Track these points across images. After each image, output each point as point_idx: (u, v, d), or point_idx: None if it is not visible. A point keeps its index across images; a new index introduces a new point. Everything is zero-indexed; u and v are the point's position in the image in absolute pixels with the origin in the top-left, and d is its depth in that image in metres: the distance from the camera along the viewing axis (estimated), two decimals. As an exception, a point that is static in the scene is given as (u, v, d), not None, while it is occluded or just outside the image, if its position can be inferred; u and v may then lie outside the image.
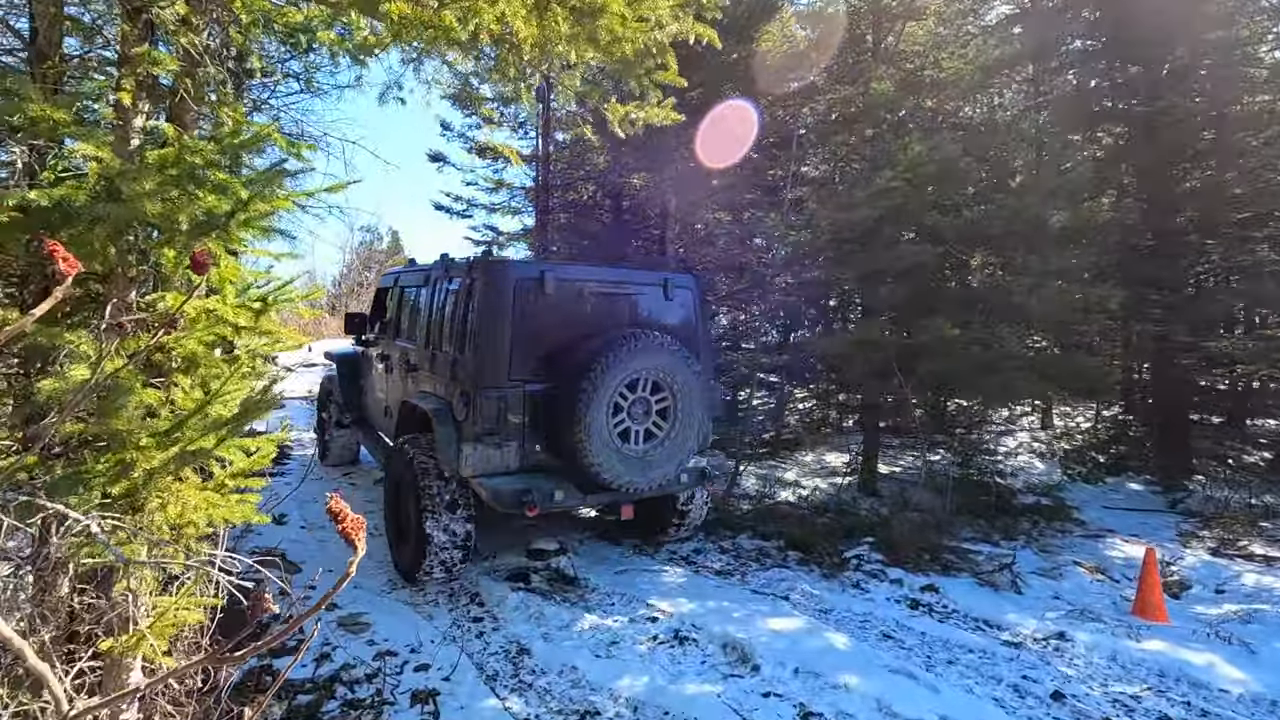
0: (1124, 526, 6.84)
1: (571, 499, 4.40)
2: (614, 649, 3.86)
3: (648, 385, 4.44)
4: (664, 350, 4.42)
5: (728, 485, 7.10)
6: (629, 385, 4.36)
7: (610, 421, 4.28)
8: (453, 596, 4.47)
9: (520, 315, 4.44)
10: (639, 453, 4.42)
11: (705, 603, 4.47)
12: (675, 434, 4.55)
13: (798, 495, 7.57)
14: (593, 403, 4.16)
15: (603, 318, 4.76)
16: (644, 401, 4.47)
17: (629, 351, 4.26)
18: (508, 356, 4.38)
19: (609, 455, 4.26)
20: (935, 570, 5.32)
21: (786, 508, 6.94)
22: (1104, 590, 5.10)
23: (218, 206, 1.58)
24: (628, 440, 4.39)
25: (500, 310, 4.39)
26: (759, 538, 6.01)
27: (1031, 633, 4.30)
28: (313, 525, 5.47)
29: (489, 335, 4.36)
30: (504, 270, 4.51)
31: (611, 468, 4.28)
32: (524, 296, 4.48)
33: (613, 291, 4.89)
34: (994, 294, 6.20)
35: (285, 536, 5.17)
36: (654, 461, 4.48)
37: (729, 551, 5.70)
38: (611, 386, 4.23)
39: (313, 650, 3.66)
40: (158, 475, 1.56)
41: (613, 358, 4.20)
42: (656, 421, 4.53)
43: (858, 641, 4.04)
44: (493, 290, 4.42)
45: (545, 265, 4.73)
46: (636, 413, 4.44)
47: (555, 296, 4.59)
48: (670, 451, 4.55)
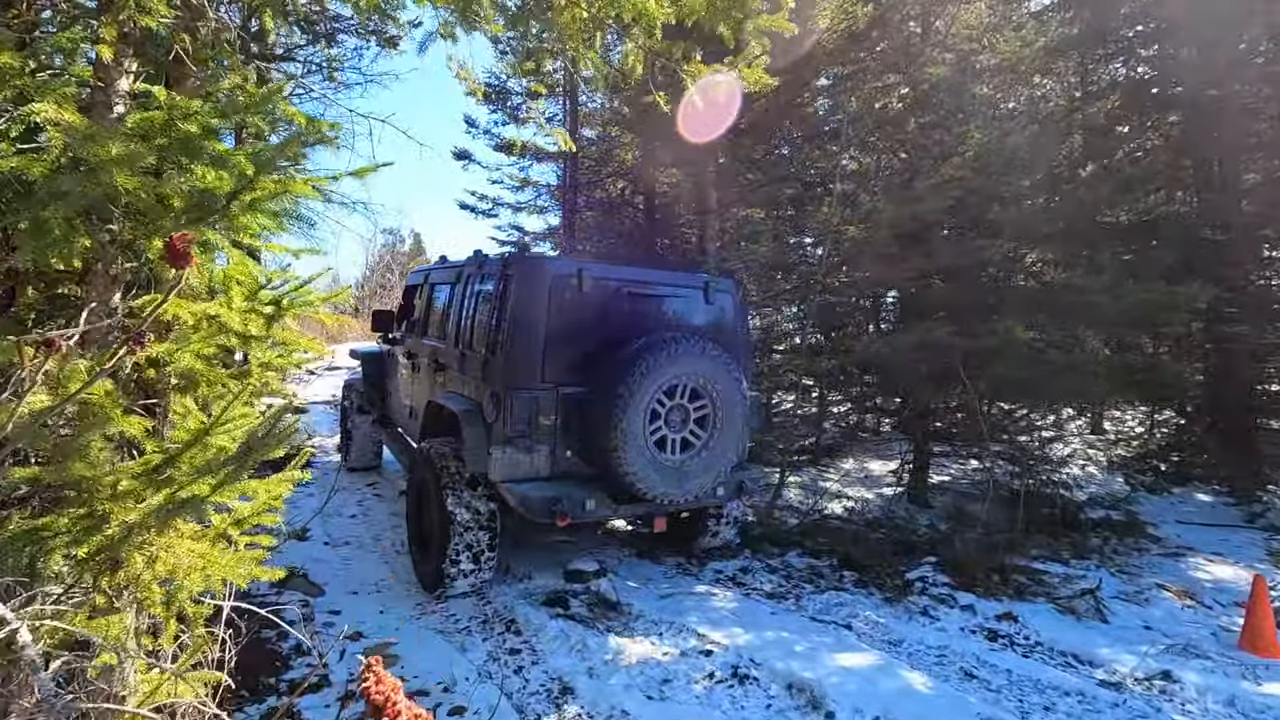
0: (1204, 543, 6.30)
1: (604, 509, 4.21)
2: (667, 688, 3.47)
3: (686, 392, 4.22)
4: (705, 356, 4.20)
5: (771, 497, 6.68)
6: (667, 391, 4.14)
7: (647, 429, 4.06)
8: (487, 624, 4.12)
9: (555, 314, 4.27)
10: (675, 462, 4.20)
11: (761, 632, 4.07)
12: (714, 444, 4.33)
13: (845, 507, 7.14)
14: (629, 408, 3.95)
15: (640, 320, 4.55)
16: (682, 409, 4.24)
17: (669, 356, 4.06)
18: (541, 357, 4.20)
19: (644, 464, 4.05)
20: (1008, 595, 4.86)
21: (835, 522, 6.51)
22: (1199, 619, 4.61)
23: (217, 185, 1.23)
24: (664, 449, 4.17)
25: (535, 309, 4.22)
26: (809, 555, 5.59)
27: (1131, 671, 3.83)
28: (336, 542, 5.16)
29: (523, 334, 4.19)
30: (540, 267, 4.34)
31: (646, 477, 4.06)
32: (560, 295, 4.30)
33: (651, 293, 4.70)
34: (1063, 293, 5.72)
35: (307, 554, 4.86)
36: (691, 472, 4.26)
37: (779, 571, 5.29)
38: (649, 392, 4.02)
39: (337, 687, 3.33)
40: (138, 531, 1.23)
41: (652, 361, 4.00)
42: (694, 430, 4.31)
43: (938, 681, 3.61)
44: (528, 288, 4.25)
45: (583, 264, 4.52)
46: (674, 420, 4.22)
47: (592, 296, 4.40)
48: (708, 462, 4.32)
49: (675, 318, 4.76)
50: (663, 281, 4.81)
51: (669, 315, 4.73)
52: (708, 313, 4.92)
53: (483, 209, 10.99)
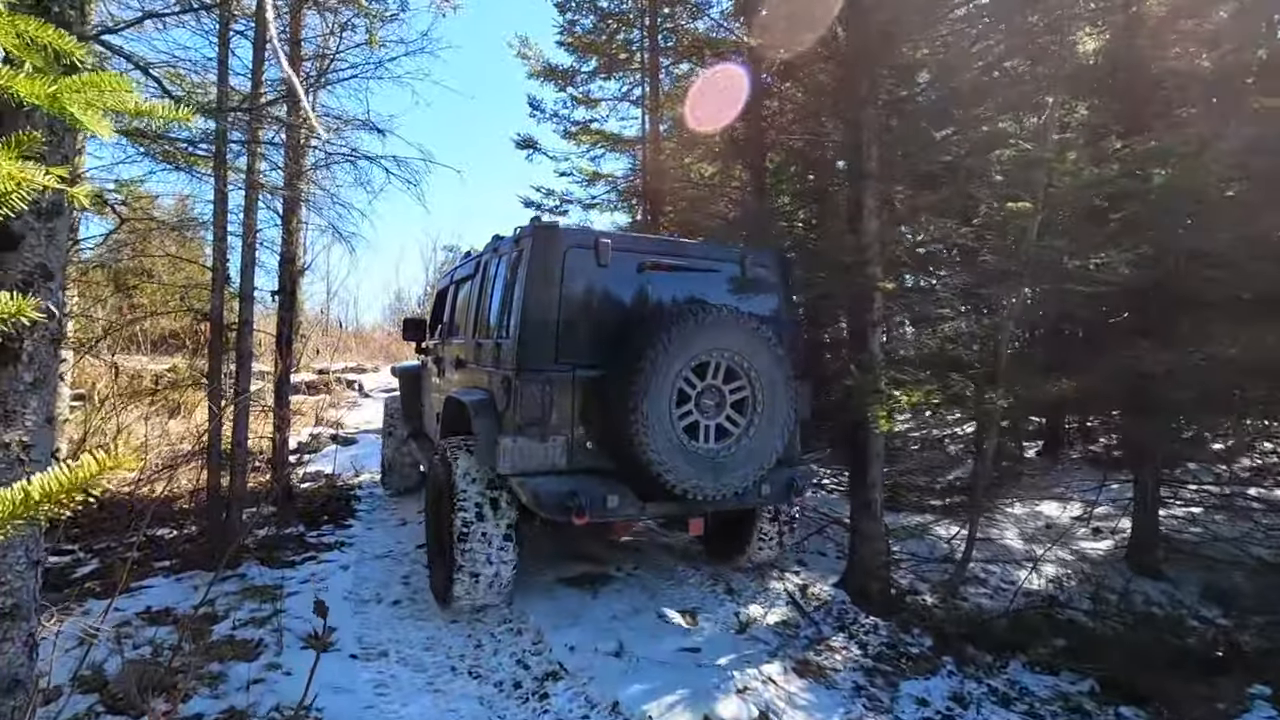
0: None
1: (628, 507, 3.72)
2: None
3: (720, 371, 3.74)
4: (739, 328, 3.73)
5: (957, 569, 4.89)
6: (696, 370, 3.67)
7: (674, 413, 3.60)
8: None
9: (570, 289, 3.85)
10: (710, 452, 3.70)
11: None
12: (755, 431, 3.80)
13: (1045, 577, 5.28)
14: (650, 389, 3.50)
15: (667, 295, 4.09)
16: (715, 391, 3.76)
17: (695, 326, 3.60)
18: (555, 335, 3.78)
19: (672, 452, 3.57)
20: None
21: (1046, 604, 4.68)
22: None
23: None
24: (695, 437, 3.69)
25: (548, 283, 3.80)
26: (1044, 669, 3.82)
27: None
28: (370, 650, 3.67)
29: (535, 310, 3.77)
30: (554, 236, 3.88)
31: (675, 468, 3.58)
32: (576, 267, 3.87)
33: (681, 266, 4.19)
34: None
35: (327, 679, 3.35)
36: (728, 464, 3.73)
37: (1015, 703, 3.53)
38: (675, 370, 3.57)
39: None
40: None
41: (676, 334, 3.55)
42: (731, 415, 3.81)
43: None
44: (541, 260, 3.82)
45: (602, 232, 4.12)
46: (707, 404, 3.74)
47: (613, 269, 3.94)
48: (749, 452, 3.78)
49: (707, 294, 4.17)
50: (694, 254, 4.33)
51: (700, 291, 4.17)
52: (746, 290, 4.33)
53: (550, 206, 9.62)
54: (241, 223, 4.90)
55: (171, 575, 4.66)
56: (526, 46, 9.11)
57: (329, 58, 6.51)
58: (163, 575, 4.66)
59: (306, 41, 6.66)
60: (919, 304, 4.87)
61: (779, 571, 5.06)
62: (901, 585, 4.96)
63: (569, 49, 8.78)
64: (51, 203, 2.21)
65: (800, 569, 5.16)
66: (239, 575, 4.62)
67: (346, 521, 6.19)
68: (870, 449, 4.61)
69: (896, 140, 4.45)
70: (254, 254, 4.97)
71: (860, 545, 4.67)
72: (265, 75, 5.36)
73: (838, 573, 5.11)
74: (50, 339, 2.24)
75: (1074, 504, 7.47)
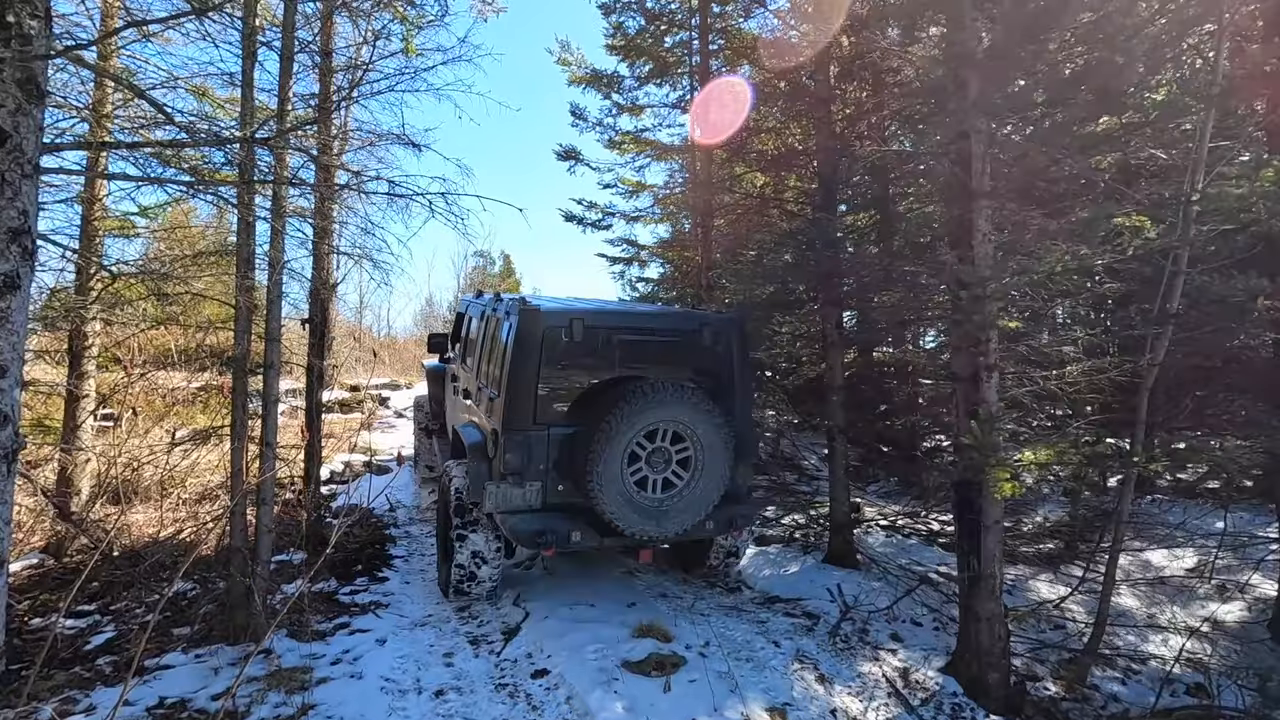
0: None
1: (589, 540, 4.43)
2: None
3: (667, 435, 4.39)
4: (683, 402, 4.35)
5: (1085, 652, 4.18)
6: (647, 435, 4.33)
7: (626, 470, 4.28)
8: None
9: (548, 362, 4.52)
10: (655, 501, 4.39)
11: None
12: (697, 484, 4.48)
13: (1175, 651, 4.53)
14: (605, 452, 4.19)
15: (632, 364, 4.75)
16: (664, 451, 4.42)
17: (645, 402, 4.24)
18: (534, 399, 4.46)
19: (622, 504, 4.27)
20: None
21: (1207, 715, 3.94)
22: None
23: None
24: (644, 489, 4.37)
25: (530, 358, 4.47)
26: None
27: None
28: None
29: (518, 379, 4.45)
30: (535, 319, 4.53)
31: (625, 516, 4.28)
32: (554, 342, 4.54)
33: (644, 338, 4.86)
34: None
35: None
36: (671, 511, 4.43)
37: None
38: (627, 436, 4.24)
39: None
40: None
41: (629, 408, 4.21)
42: (676, 471, 4.46)
43: None
44: (524, 339, 4.49)
45: (576, 311, 4.70)
46: (656, 462, 4.40)
47: (584, 342, 4.60)
48: (690, 501, 4.47)
49: (669, 360, 4.89)
50: (657, 325, 4.97)
51: (662, 358, 4.87)
52: (705, 354, 4.96)
53: (592, 219, 9.04)
54: (266, 254, 4.40)
55: (190, 650, 4.17)
56: (568, 52, 8.57)
57: (362, 68, 6.03)
58: (181, 650, 4.18)
59: (338, 53, 6.19)
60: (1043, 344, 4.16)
61: (871, 649, 4.40)
62: (1014, 666, 4.27)
63: (615, 52, 8.21)
64: (3, 276, 1.67)
65: (896, 645, 4.49)
66: (264, 652, 4.12)
67: (382, 572, 5.68)
68: (986, 515, 3.93)
69: (1020, 153, 3.76)
70: (280, 289, 4.47)
71: (974, 627, 3.99)
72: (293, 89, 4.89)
73: (940, 650, 4.44)
74: (2, 455, 1.70)
75: (1184, 550, 6.66)
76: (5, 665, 1.84)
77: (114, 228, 6.40)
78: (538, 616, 4.63)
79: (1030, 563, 6.17)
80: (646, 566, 5.67)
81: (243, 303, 4.27)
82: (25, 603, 4.88)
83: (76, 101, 4.97)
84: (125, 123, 5.21)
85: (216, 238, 7.99)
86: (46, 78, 1.87)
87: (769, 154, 8.04)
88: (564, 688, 3.76)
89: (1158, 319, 3.84)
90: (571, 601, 4.82)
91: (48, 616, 4.75)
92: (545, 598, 4.97)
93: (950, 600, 5.22)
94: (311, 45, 5.55)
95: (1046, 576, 5.98)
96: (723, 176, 8.38)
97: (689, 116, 7.91)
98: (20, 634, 4.44)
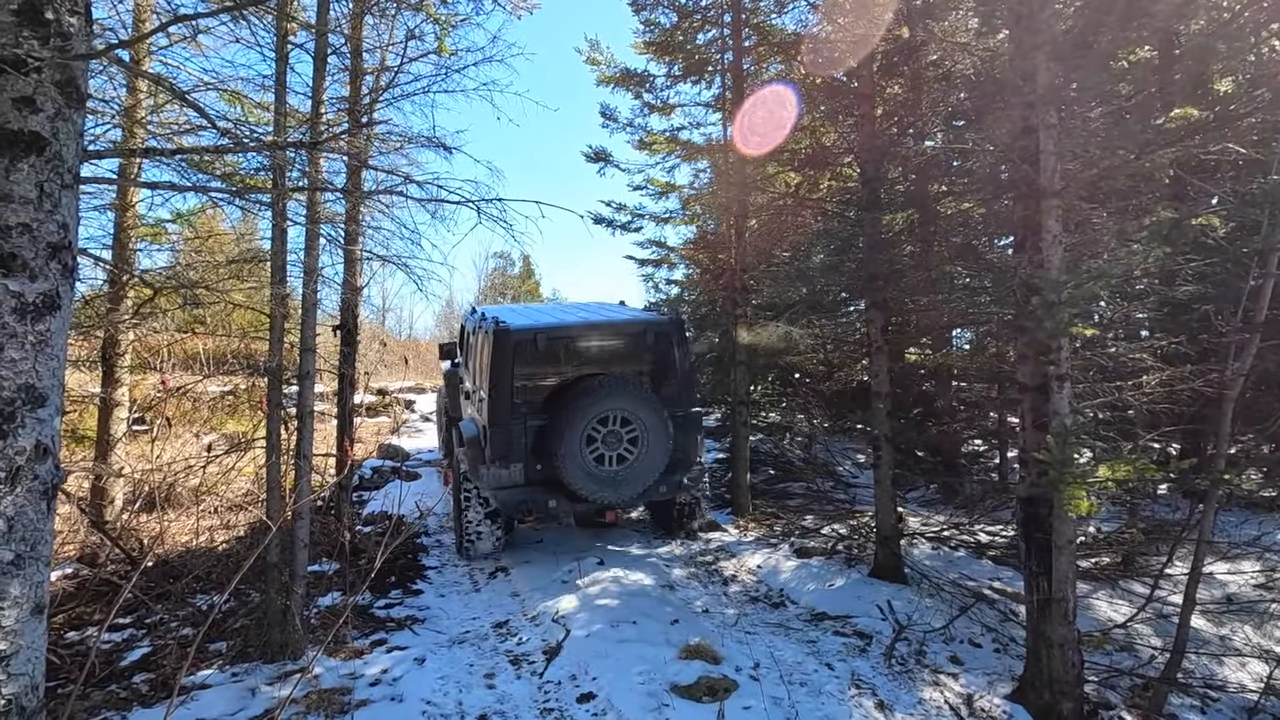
0: None
1: (563, 508, 5.58)
2: None
3: (618, 420, 5.40)
4: (628, 393, 5.40)
5: (1163, 678, 3.92)
6: (600, 420, 5.35)
7: (585, 450, 5.34)
8: None
9: (520, 369, 5.60)
10: (611, 473, 5.43)
11: None
12: (644, 458, 5.49)
13: (1252, 676, 4.26)
14: (566, 437, 5.27)
15: (590, 364, 5.83)
16: (616, 434, 5.41)
17: (596, 396, 5.33)
18: (511, 399, 5.55)
19: (583, 477, 5.35)
20: None
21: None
22: None
23: None
24: (602, 464, 5.40)
25: (506, 368, 5.54)
26: None
27: None
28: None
29: (498, 384, 5.53)
30: (507, 335, 5.56)
31: (587, 486, 5.38)
32: (523, 353, 5.61)
33: (598, 343, 5.92)
34: None
35: None
36: (625, 480, 5.48)
37: None
38: (583, 423, 5.30)
39: None
40: None
41: (583, 401, 5.31)
42: (627, 448, 5.46)
43: None
44: (500, 352, 5.54)
45: (540, 326, 5.72)
46: (611, 441, 5.41)
47: (546, 350, 5.69)
48: (639, 472, 5.50)
49: (619, 359, 5.95)
50: (608, 331, 5.98)
51: (614, 356, 5.93)
52: (650, 352, 6.06)
53: (621, 221, 8.87)
54: (301, 262, 4.29)
55: (227, 668, 4.07)
56: (597, 51, 8.40)
57: (393, 70, 5.92)
58: (218, 668, 4.08)
59: (369, 55, 6.09)
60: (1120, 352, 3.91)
61: (931, 672, 4.18)
62: (1086, 694, 4.02)
63: (647, 50, 8.02)
64: (42, 295, 1.54)
65: (956, 668, 4.27)
66: (301, 670, 4.01)
67: (416, 585, 5.56)
68: (1059, 535, 3.70)
69: (1099, 146, 3.52)
70: (316, 297, 4.36)
71: (1045, 653, 3.76)
72: (326, 93, 4.79)
73: (1003, 674, 4.20)
74: (41, 491, 1.57)
75: (1246, 563, 6.33)
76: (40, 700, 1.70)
77: (146, 234, 6.36)
78: (579, 634, 4.48)
79: (1087, 577, 5.88)
80: (682, 580, 5.55)
81: (278, 312, 4.16)
82: (61, 615, 4.82)
83: (111, 107, 4.91)
84: (158, 129, 5.14)
85: (245, 243, 7.94)
86: (87, 80, 1.73)
87: (803, 153, 7.81)
88: (612, 714, 3.59)
89: (1245, 325, 3.58)
90: (613, 619, 4.65)
91: (83, 630, 4.68)
92: (585, 612, 4.81)
93: (1008, 619, 4.98)
94: (343, 48, 5.45)
95: (1105, 592, 5.70)
96: (754, 176, 8.17)
97: (732, 125, 7.73)
98: (56, 648, 4.38)
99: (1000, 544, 6.56)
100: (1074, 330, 3.62)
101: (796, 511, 7.64)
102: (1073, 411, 3.72)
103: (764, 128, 7.60)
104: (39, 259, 1.53)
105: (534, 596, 5.17)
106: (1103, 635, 4.14)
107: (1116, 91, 3.65)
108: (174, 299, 5.73)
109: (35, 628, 1.55)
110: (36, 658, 1.57)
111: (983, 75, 4.44)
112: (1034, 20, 3.50)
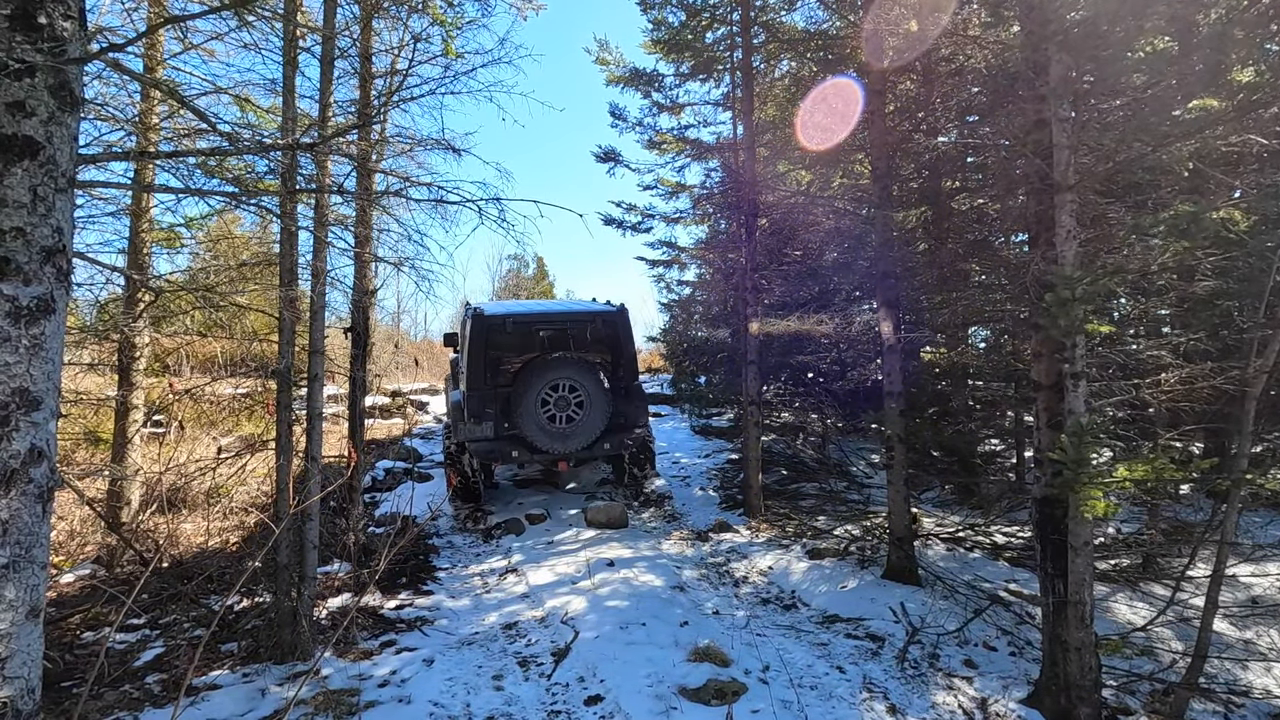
0: None
1: (524, 458, 6.93)
2: None
3: (566, 387, 6.73)
4: (573, 366, 6.80)
5: (1184, 683, 3.81)
6: (552, 387, 6.71)
7: (540, 411, 6.69)
8: None
9: (491, 346, 7.01)
10: (561, 430, 6.74)
11: None
12: (588, 417, 6.80)
13: (1274, 679, 4.14)
14: (524, 399, 6.65)
15: (548, 344, 7.16)
16: (564, 399, 6.73)
17: (547, 368, 6.75)
18: (484, 370, 6.95)
19: (538, 431, 6.69)
20: None
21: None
22: None
23: None
24: (554, 422, 6.73)
25: (479, 345, 6.96)
26: None
27: None
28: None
29: (474, 358, 6.95)
30: (482, 319, 7.00)
31: (542, 439, 6.71)
32: (495, 335, 7.03)
33: (557, 328, 7.25)
34: None
35: None
36: (573, 434, 6.78)
37: None
38: (538, 388, 6.67)
39: None
40: None
41: (537, 371, 6.73)
42: (574, 410, 6.77)
43: None
44: (476, 332, 6.96)
45: (510, 314, 7.26)
46: (561, 405, 6.73)
47: (514, 333, 7.12)
48: (584, 428, 6.80)
49: (574, 341, 7.23)
50: (564, 317, 7.36)
51: (569, 340, 7.22)
52: (600, 336, 7.39)
53: (631, 222, 8.84)
54: (308, 264, 4.31)
55: (238, 669, 4.10)
56: (606, 51, 8.40)
57: (401, 73, 5.94)
58: (229, 669, 4.10)
59: (376, 58, 6.11)
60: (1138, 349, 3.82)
61: (944, 676, 4.11)
62: (1104, 699, 3.93)
63: (656, 49, 8.00)
64: (37, 299, 1.54)
65: (970, 672, 4.19)
66: (309, 671, 4.02)
67: (426, 585, 5.57)
68: (1075, 536, 3.62)
69: (1115, 140, 3.44)
70: (324, 300, 4.38)
71: (1061, 657, 3.68)
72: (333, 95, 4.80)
73: (1018, 678, 4.12)
74: (37, 495, 1.57)
75: (1268, 565, 6.17)
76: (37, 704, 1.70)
77: (161, 239, 6.43)
78: (588, 636, 4.46)
79: (1105, 579, 5.77)
80: (692, 582, 5.52)
81: (287, 316, 4.18)
82: (78, 616, 4.88)
83: (123, 115, 4.96)
84: (170, 135, 5.20)
85: (260, 247, 8.02)
86: (82, 84, 1.73)
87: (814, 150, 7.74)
88: (619, 717, 3.56)
89: (1268, 321, 3.48)
90: (622, 621, 4.63)
91: (99, 631, 4.74)
92: (594, 614, 4.80)
93: (1024, 621, 4.89)
94: (351, 51, 5.47)
95: (1124, 595, 5.58)
96: (766, 175, 8.11)
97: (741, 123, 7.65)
98: (73, 648, 4.43)
99: (1017, 545, 6.46)
100: (1089, 327, 3.54)
101: (809, 512, 7.57)
102: (1089, 410, 3.64)
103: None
104: (33, 263, 1.53)
105: (544, 598, 5.16)
106: (1121, 639, 4.04)
107: (1132, 83, 3.57)
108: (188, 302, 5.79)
109: (31, 631, 1.55)
110: (33, 661, 1.57)
111: (994, 69, 4.36)
112: (1045, 10, 3.43)
